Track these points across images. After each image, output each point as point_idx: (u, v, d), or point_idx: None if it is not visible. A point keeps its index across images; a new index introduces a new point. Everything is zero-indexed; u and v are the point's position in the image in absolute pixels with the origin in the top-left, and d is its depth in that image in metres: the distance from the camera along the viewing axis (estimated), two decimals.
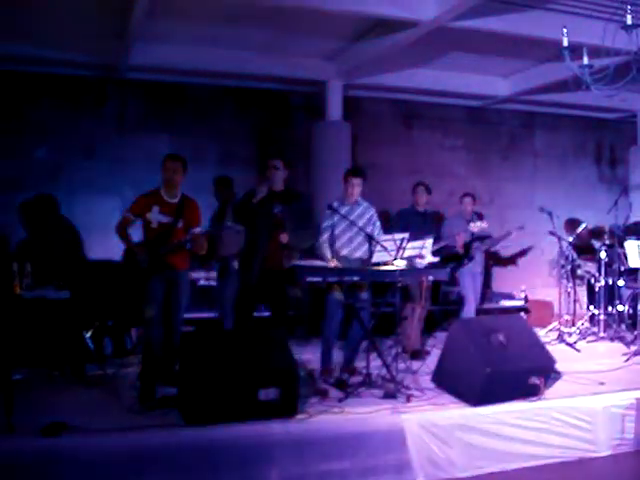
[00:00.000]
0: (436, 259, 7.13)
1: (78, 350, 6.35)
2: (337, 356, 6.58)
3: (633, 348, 7.72)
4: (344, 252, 6.55)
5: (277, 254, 6.24)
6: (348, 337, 6.57)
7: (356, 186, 6.63)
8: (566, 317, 9.13)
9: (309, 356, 7.03)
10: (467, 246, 8.12)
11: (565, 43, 5.39)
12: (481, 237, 8.29)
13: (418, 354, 7.35)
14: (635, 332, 8.13)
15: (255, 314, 6.74)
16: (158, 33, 8.21)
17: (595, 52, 5.44)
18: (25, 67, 8.79)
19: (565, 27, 5.44)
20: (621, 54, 5.28)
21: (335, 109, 9.80)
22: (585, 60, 5.42)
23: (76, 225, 8.95)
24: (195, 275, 8.11)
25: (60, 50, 8.40)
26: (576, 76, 5.53)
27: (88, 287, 7.26)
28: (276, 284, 6.32)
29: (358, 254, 6.52)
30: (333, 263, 6.34)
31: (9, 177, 8.73)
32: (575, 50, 5.43)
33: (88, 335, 6.65)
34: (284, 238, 6.17)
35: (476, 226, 7.99)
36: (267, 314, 6.84)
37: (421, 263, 6.74)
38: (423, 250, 6.51)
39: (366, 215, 6.68)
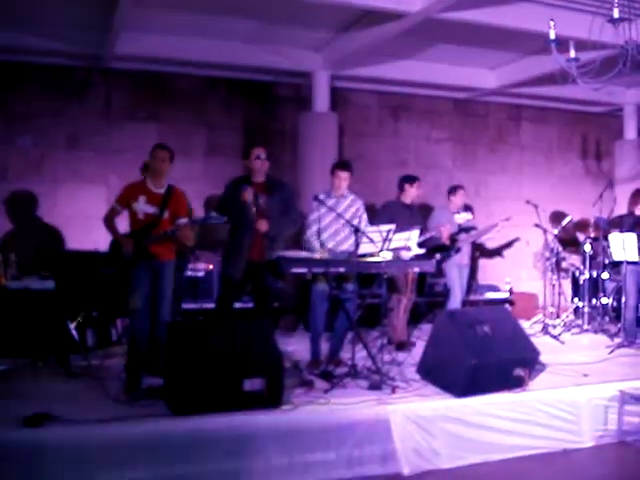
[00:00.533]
0: (422, 251, 7.15)
1: (62, 340, 6.32)
2: (323, 347, 6.58)
3: (617, 340, 7.78)
4: (330, 245, 6.54)
5: (260, 246, 6.20)
6: (334, 328, 6.57)
7: (343, 180, 6.62)
8: (550, 309, 9.20)
9: (295, 347, 7.04)
10: (453, 238, 8.15)
11: (552, 36, 5.40)
12: (466, 228, 8.33)
13: (404, 345, 7.37)
14: (619, 325, 8.19)
15: (239, 305, 6.68)
16: (144, 22, 8.15)
17: (582, 45, 5.45)
18: (9, 56, 8.70)
19: (552, 20, 5.45)
20: (608, 47, 5.30)
21: (322, 100, 9.77)
22: (572, 53, 5.43)
23: (61, 215, 8.90)
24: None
25: (45, 39, 8.31)
26: (563, 69, 5.54)
27: (73, 278, 7.22)
28: (259, 276, 6.29)
29: (344, 247, 6.51)
30: (322, 255, 6.32)
31: None
32: (562, 43, 5.44)
33: (73, 326, 6.61)
34: (263, 226, 6.09)
35: (461, 217, 8.03)
36: (250, 305, 6.78)
37: (407, 255, 6.76)
38: (409, 242, 6.52)
39: (352, 207, 6.67)
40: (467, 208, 8.50)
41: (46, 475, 4.19)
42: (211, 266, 8.55)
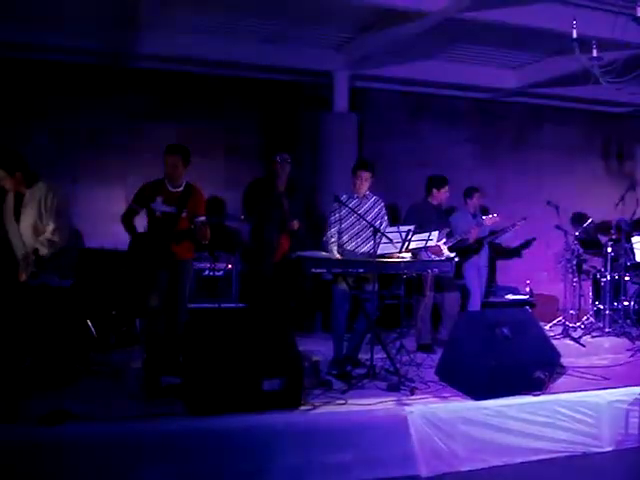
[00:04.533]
0: (453, 255, 7.12)
1: (82, 338, 6.35)
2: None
3: (638, 343, 7.70)
4: (350, 246, 6.51)
5: (286, 246, 6.25)
6: (353, 329, 6.55)
7: (364, 180, 6.54)
8: (571, 312, 9.11)
9: (314, 347, 7.02)
10: (480, 240, 8.11)
11: (575, 35, 5.35)
12: (494, 231, 8.28)
13: (429, 348, 7.33)
14: None
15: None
16: (165, 22, 8.18)
17: (605, 45, 5.40)
18: (30, 54, 8.74)
19: (575, 19, 5.40)
20: (631, 47, 5.25)
21: (342, 100, 9.74)
22: (594, 53, 5.37)
23: (80, 214, 8.90)
24: (200, 265, 8.10)
25: (65, 37, 8.34)
26: (585, 69, 5.49)
27: (92, 276, 7.24)
28: (288, 275, 6.32)
29: (365, 248, 6.45)
30: (339, 257, 6.32)
31: None
32: (585, 43, 5.39)
33: (92, 324, 6.64)
34: (295, 225, 6.15)
35: (490, 219, 7.94)
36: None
37: (440, 258, 6.75)
38: (436, 242, 6.46)
39: (374, 209, 6.62)
40: (484, 210, 8.45)
41: (63, 473, 4.21)
42: (230, 266, 8.54)
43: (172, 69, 9.44)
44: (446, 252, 6.91)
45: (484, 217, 7.96)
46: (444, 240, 7.32)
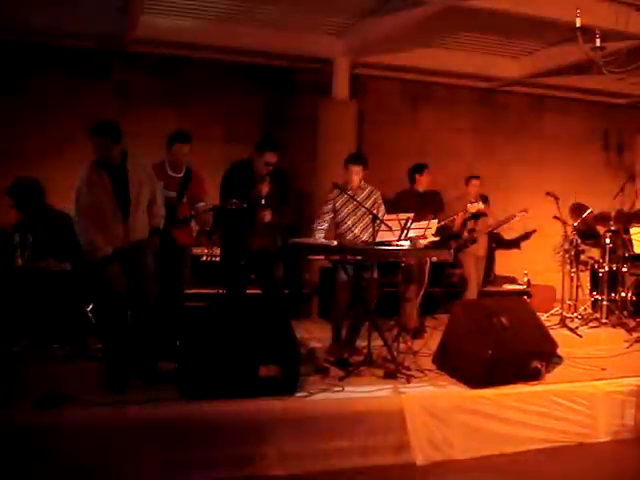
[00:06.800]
0: (437, 238, 7.11)
1: (79, 323, 6.33)
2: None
3: (635, 335, 7.70)
4: (349, 236, 6.50)
5: (260, 234, 6.14)
6: (351, 316, 6.54)
7: (355, 174, 6.51)
8: (568, 302, 9.11)
9: (311, 334, 7.02)
10: (466, 223, 8.14)
11: (578, 24, 5.32)
12: (477, 215, 8.27)
13: (417, 332, 7.33)
14: (637, 319, 8.12)
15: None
16: (164, 6, 8.13)
17: (608, 35, 5.37)
18: (27, 38, 8.69)
19: (578, 8, 5.37)
20: (634, 37, 5.22)
21: (342, 87, 9.70)
22: (597, 42, 5.35)
23: None
24: (198, 250, 8.08)
25: (63, 21, 8.28)
26: (587, 59, 5.47)
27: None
28: (263, 264, 6.25)
29: (363, 237, 6.45)
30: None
31: (10, 150, 8.66)
32: (588, 32, 5.36)
33: (89, 308, 6.62)
34: (267, 216, 6.07)
35: (473, 206, 7.96)
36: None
37: (423, 243, 6.72)
38: (428, 231, 6.47)
39: (370, 199, 6.59)
40: (483, 198, 8.44)
41: (59, 457, 4.21)
42: None
43: (171, 54, 9.40)
44: (431, 237, 6.89)
45: (469, 205, 7.97)
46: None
